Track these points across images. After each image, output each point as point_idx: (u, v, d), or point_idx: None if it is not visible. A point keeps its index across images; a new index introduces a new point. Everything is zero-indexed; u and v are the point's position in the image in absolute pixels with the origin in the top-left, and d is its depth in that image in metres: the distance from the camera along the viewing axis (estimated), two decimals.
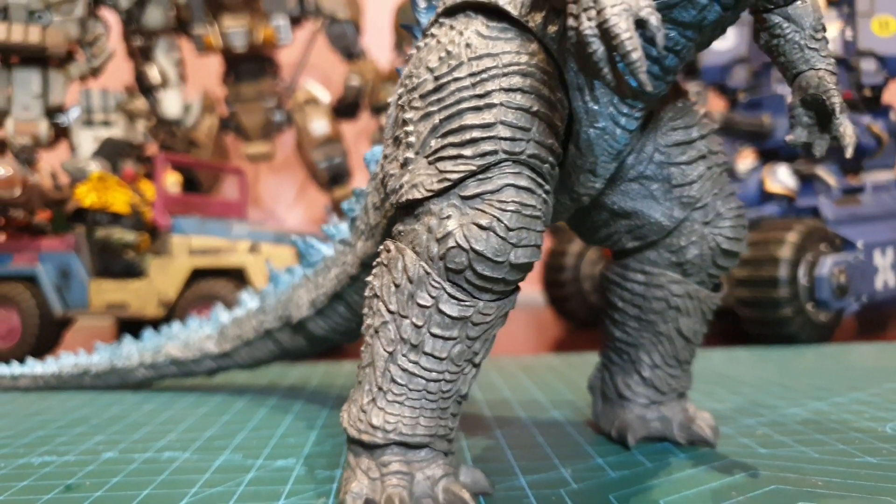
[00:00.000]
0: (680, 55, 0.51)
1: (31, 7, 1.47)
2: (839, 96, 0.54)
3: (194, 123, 1.72)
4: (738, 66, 1.85)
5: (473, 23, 0.52)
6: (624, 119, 0.53)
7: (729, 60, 1.86)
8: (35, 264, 1.22)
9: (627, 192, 0.59)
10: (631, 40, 0.38)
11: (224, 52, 1.82)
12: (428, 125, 0.50)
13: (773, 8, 0.55)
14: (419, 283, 0.47)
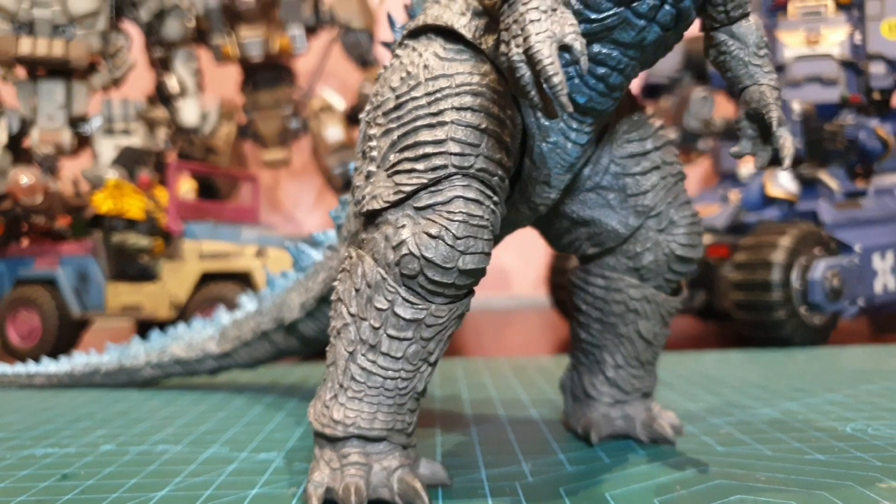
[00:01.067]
0: (624, 73, 0.54)
1: (55, 21, 1.54)
2: (778, 110, 0.56)
3: (212, 131, 1.77)
4: None
5: (433, 45, 0.56)
6: (574, 134, 0.56)
7: None
8: (55, 268, 1.28)
9: (585, 202, 0.62)
10: (552, 66, 0.42)
11: (241, 62, 1.87)
12: (388, 141, 0.53)
13: (718, 26, 0.58)
14: (376, 287, 0.51)
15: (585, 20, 0.51)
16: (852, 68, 1.65)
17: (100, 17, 1.58)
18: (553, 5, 0.43)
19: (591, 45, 0.53)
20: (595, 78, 0.54)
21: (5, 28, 1.53)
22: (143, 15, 1.67)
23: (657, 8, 0.51)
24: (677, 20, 0.53)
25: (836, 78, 1.62)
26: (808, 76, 1.63)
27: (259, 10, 1.82)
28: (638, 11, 0.51)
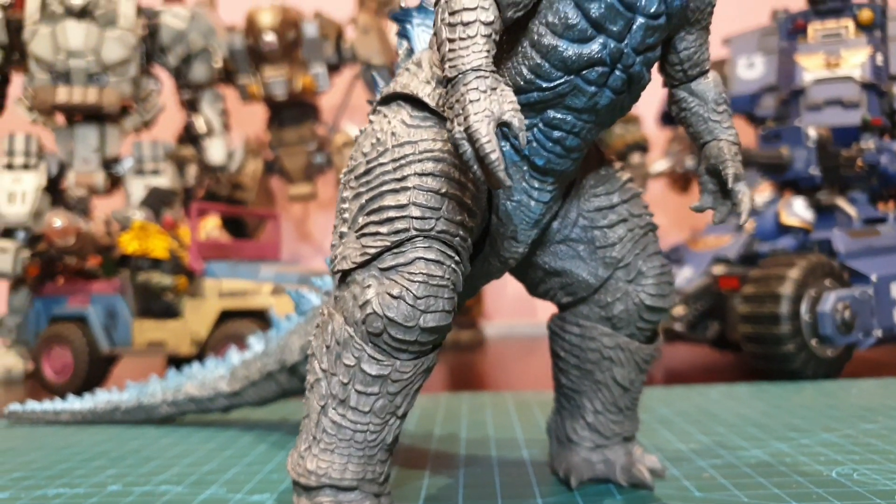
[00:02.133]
0: (580, 136, 0.56)
1: (90, 70, 1.62)
2: (734, 167, 0.58)
3: (239, 168, 1.84)
4: (766, 94, 1.86)
5: (401, 112, 0.59)
6: (536, 192, 0.59)
7: (758, 89, 1.88)
8: (86, 306, 1.34)
9: (557, 253, 0.65)
10: (489, 144, 0.45)
11: (266, 100, 1.94)
12: (357, 204, 0.57)
13: (677, 84, 0.60)
14: (344, 344, 0.54)
15: (538, 88, 0.54)
16: (874, 90, 1.64)
17: (131, 64, 1.66)
18: (493, 85, 0.46)
19: (546, 110, 0.55)
20: (551, 141, 0.56)
21: (44, 78, 1.62)
22: (171, 60, 1.74)
23: (607, 74, 0.54)
24: (629, 84, 0.55)
25: (857, 100, 1.61)
26: (828, 99, 1.63)
27: (282, 51, 1.88)
28: (588, 79, 0.53)
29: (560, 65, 0.53)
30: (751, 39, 1.93)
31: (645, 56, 0.54)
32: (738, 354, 1.40)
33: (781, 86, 1.77)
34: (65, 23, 1.61)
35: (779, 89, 1.79)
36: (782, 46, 1.78)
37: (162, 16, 1.73)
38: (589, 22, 0.52)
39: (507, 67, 0.55)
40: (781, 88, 1.77)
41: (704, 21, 0.58)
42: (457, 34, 0.47)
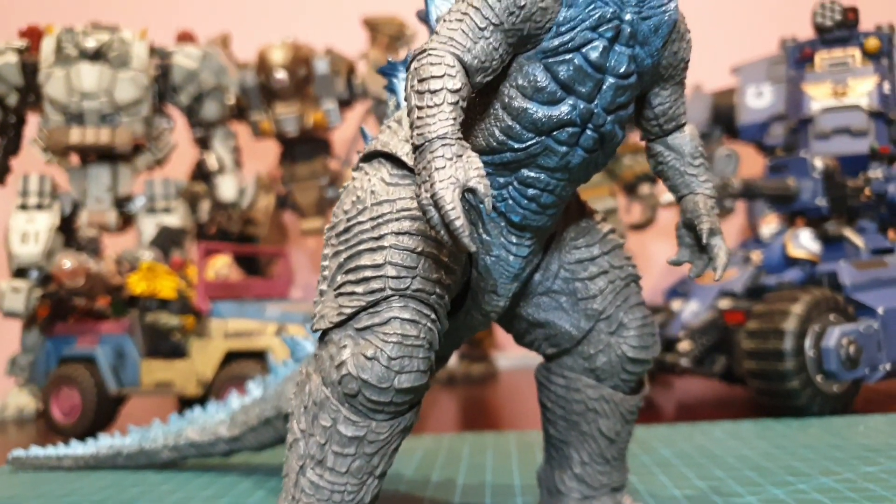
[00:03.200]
0: (554, 193, 0.57)
1: (103, 111, 1.65)
2: (709, 221, 0.58)
3: (250, 204, 1.86)
4: (775, 123, 1.85)
5: (381, 170, 0.60)
6: (515, 248, 0.60)
7: (767, 118, 1.87)
8: (95, 346, 1.36)
9: (540, 305, 0.65)
10: (454, 211, 0.45)
11: (278, 136, 1.97)
12: (336, 262, 0.58)
13: (653, 138, 0.61)
14: (321, 405, 0.54)
15: (510, 149, 0.55)
16: (882, 118, 1.63)
17: (143, 104, 1.69)
18: (459, 152, 0.47)
19: (520, 169, 0.56)
20: (526, 199, 0.57)
21: (58, 119, 1.65)
22: (183, 99, 1.77)
23: (578, 134, 0.54)
24: (602, 143, 0.55)
25: (865, 129, 1.60)
26: (836, 128, 1.62)
27: (293, 88, 1.91)
28: (559, 139, 0.54)
29: (531, 126, 0.53)
30: (759, 68, 1.93)
31: (616, 115, 0.55)
32: (747, 388, 1.39)
33: (790, 114, 1.77)
34: (79, 65, 1.65)
35: (787, 118, 1.79)
36: (790, 75, 1.78)
37: (174, 56, 1.76)
38: (558, 84, 0.52)
39: (480, 128, 0.56)
40: (790, 117, 1.76)
41: (678, 76, 0.58)
42: (424, 102, 0.48)
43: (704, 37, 2.38)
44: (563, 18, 0.51)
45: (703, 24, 2.36)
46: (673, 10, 0.54)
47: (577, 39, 0.51)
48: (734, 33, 2.28)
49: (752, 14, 2.35)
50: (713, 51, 2.14)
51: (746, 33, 2.20)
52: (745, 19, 2.34)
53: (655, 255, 2.37)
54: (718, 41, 2.24)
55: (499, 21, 0.50)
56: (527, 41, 0.51)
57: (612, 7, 0.51)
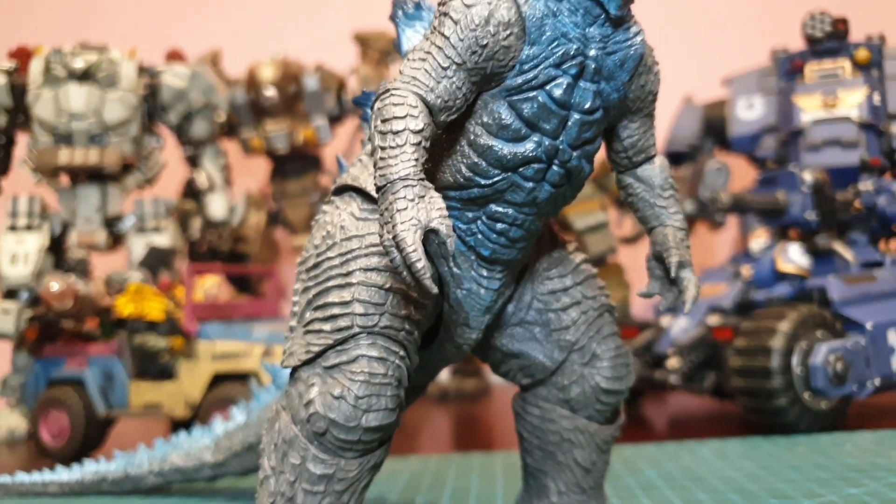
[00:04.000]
0: (523, 227, 0.57)
1: (91, 132, 1.65)
2: (678, 255, 0.58)
3: (241, 222, 1.86)
4: (766, 135, 1.85)
5: (351, 205, 0.60)
6: (486, 281, 0.59)
7: (758, 130, 1.87)
8: (84, 368, 1.36)
9: (514, 336, 0.65)
10: (415, 253, 0.45)
11: (269, 153, 1.97)
12: (306, 298, 0.57)
13: (623, 170, 0.61)
14: (290, 443, 0.54)
15: (477, 185, 0.55)
16: (872, 130, 1.63)
17: (132, 124, 1.69)
18: (421, 192, 0.47)
19: (488, 204, 0.56)
20: (495, 233, 0.57)
21: (47, 140, 1.66)
22: (172, 118, 1.78)
23: (544, 170, 0.54)
24: (569, 177, 0.55)
25: (855, 140, 1.60)
26: (826, 140, 1.62)
27: (283, 105, 1.91)
28: (525, 175, 0.54)
29: (496, 163, 0.53)
30: (750, 80, 1.93)
31: (583, 150, 0.55)
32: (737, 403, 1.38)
33: (781, 126, 1.76)
34: (67, 86, 1.65)
35: (778, 130, 1.79)
36: (781, 87, 1.78)
37: (162, 75, 1.76)
38: (522, 121, 0.52)
39: (447, 164, 0.56)
40: (781, 129, 1.76)
41: (647, 109, 0.58)
42: (387, 142, 0.48)
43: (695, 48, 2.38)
44: (525, 56, 0.51)
45: (694, 35, 2.37)
46: (639, 44, 0.54)
47: (541, 77, 0.51)
48: (725, 45, 2.28)
49: (743, 25, 2.35)
50: (704, 62, 2.15)
51: (738, 45, 2.20)
52: (737, 31, 2.34)
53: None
54: (709, 53, 2.25)
55: (461, 60, 0.50)
56: (490, 79, 0.51)
57: (576, 44, 0.51)
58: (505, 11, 0.49)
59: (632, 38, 0.53)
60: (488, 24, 0.49)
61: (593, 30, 0.51)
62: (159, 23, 2.34)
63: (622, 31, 0.53)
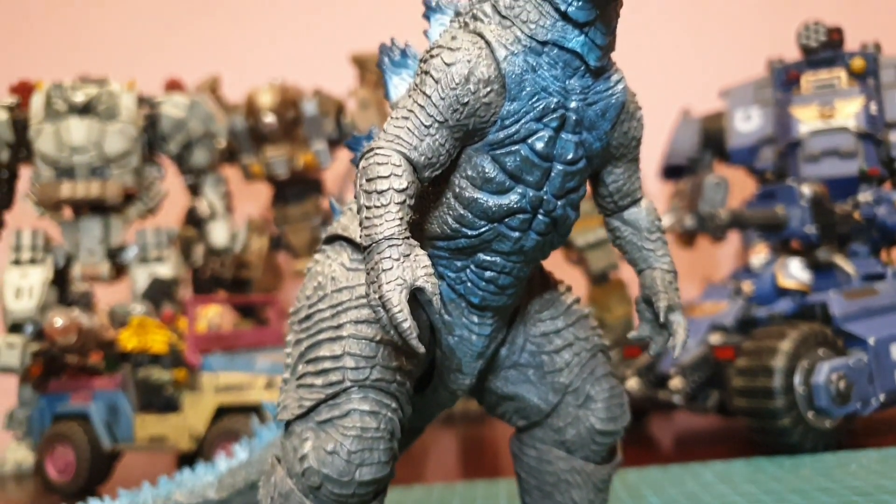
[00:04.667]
0: (511, 274, 0.57)
1: (93, 165, 1.67)
2: (666, 298, 0.58)
3: (242, 248, 1.87)
4: (764, 146, 1.85)
5: (342, 255, 0.60)
6: (477, 327, 0.60)
7: (756, 141, 1.86)
8: (88, 403, 1.37)
9: (508, 378, 0.65)
10: (401, 313, 0.46)
11: (269, 179, 1.98)
12: (298, 351, 0.58)
13: (610, 213, 0.61)
14: (287, 497, 0.55)
15: (464, 236, 0.55)
16: (870, 140, 1.63)
17: (133, 155, 1.71)
18: (406, 251, 0.47)
19: (476, 253, 0.56)
20: (484, 281, 0.57)
21: (49, 174, 1.67)
22: (172, 148, 1.79)
23: (530, 220, 0.55)
24: (555, 225, 0.56)
25: (853, 150, 1.59)
26: (824, 150, 1.62)
27: (282, 130, 1.92)
28: (511, 226, 0.54)
29: (482, 215, 0.54)
30: (746, 91, 1.92)
31: (567, 199, 0.55)
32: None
33: (779, 138, 1.76)
34: (68, 120, 1.66)
35: (776, 141, 1.78)
36: (777, 98, 1.78)
37: (162, 106, 1.78)
38: (506, 174, 0.53)
39: (434, 216, 0.56)
40: (779, 140, 1.76)
41: (631, 154, 0.59)
42: (372, 202, 0.49)
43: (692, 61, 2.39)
44: (506, 112, 0.51)
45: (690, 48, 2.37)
46: (620, 93, 0.54)
47: (523, 131, 0.52)
48: (722, 56, 2.28)
49: (739, 37, 2.35)
50: (701, 74, 2.15)
51: (734, 56, 2.20)
52: (733, 42, 2.34)
53: None
54: (706, 65, 2.25)
55: (443, 118, 0.50)
56: (473, 134, 0.52)
57: (557, 97, 0.52)
58: (485, 69, 0.50)
59: (613, 86, 0.54)
60: (468, 83, 0.50)
61: (573, 81, 0.52)
62: (159, 48, 2.36)
63: (603, 80, 0.53)
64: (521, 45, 0.51)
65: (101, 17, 2.38)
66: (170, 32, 2.38)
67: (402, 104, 0.51)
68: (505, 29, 0.51)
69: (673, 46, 2.29)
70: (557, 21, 0.50)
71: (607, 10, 0.50)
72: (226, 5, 2.40)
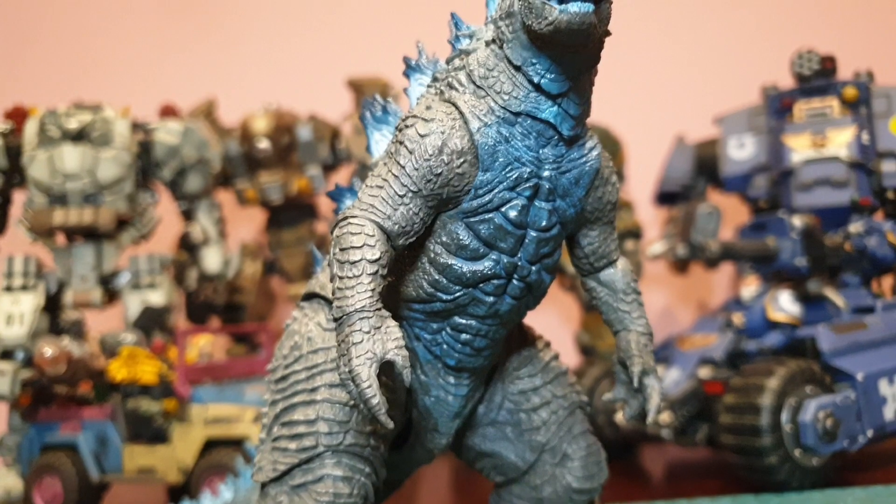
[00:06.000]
0: (487, 337, 0.58)
1: (85, 192, 1.67)
2: (640, 362, 0.59)
3: (236, 274, 1.87)
4: (758, 174, 1.85)
5: (319, 314, 0.61)
6: (453, 388, 0.60)
7: (749, 169, 1.87)
8: (77, 433, 1.37)
9: (485, 435, 0.66)
10: (370, 389, 0.46)
11: (263, 204, 1.98)
12: (274, 412, 0.58)
13: (586, 274, 0.61)
14: None
15: (439, 300, 0.55)
16: (862, 169, 1.63)
17: (126, 182, 1.71)
18: (377, 324, 0.48)
19: (451, 316, 0.57)
20: (460, 343, 0.58)
21: (41, 201, 1.67)
22: (166, 174, 1.79)
23: (504, 286, 0.55)
24: (529, 290, 0.56)
25: (845, 180, 1.60)
26: (817, 180, 1.62)
27: (277, 156, 1.93)
28: (485, 291, 0.55)
29: (457, 280, 0.54)
30: (740, 119, 1.92)
31: (541, 263, 0.56)
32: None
33: (772, 166, 1.77)
34: (62, 147, 1.67)
35: (770, 169, 1.79)
36: (771, 126, 1.79)
37: (155, 133, 1.78)
38: (480, 241, 0.53)
39: (409, 279, 0.56)
40: (772, 168, 1.76)
41: (606, 218, 0.59)
42: (344, 272, 0.49)
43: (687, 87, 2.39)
44: (480, 182, 0.52)
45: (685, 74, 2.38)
46: (594, 160, 0.54)
47: (496, 200, 0.52)
48: (717, 82, 2.28)
49: (734, 63, 2.35)
50: (696, 101, 2.15)
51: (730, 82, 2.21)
52: (728, 68, 2.35)
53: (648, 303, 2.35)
54: (701, 91, 2.26)
55: (417, 188, 0.50)
56: (448, 202, 0.52)
57: (530, 167, 0.52)
58: (458, 140, 0.50)
59: (587, 153, 0.54)
60: (442, 154, 0.50)
61: (547, 151, 0.52)
62: (153, 73, 2.37)
63: (577, 148, 0.53)
64: (494, 115, 0.51)
65: (98, 42, 2.39)
66: (165, 57, 2.39)
67: (378, 172, 0.52)
68: (479, 99, 0.51)
69: (668, 72, 2.30)
70: (531, 92, 0.50)
71: (580, 81, 0.50)
72: (221, 30, 2.41)
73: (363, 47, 2.31)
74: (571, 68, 0.49)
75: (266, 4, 2.43)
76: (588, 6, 0.47)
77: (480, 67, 0.51)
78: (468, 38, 0.54)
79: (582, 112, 0.52)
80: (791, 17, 2.32)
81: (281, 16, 2.41)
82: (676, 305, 2.29)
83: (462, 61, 0.53)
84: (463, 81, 0.52)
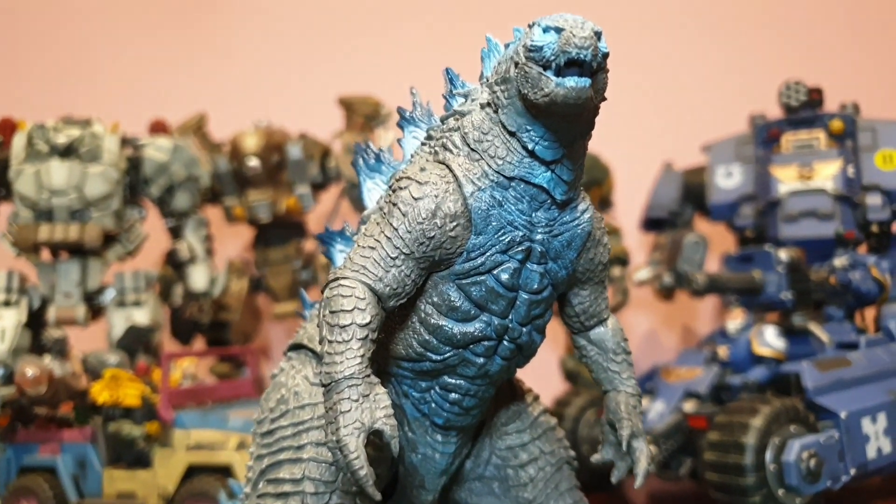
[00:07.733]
0: (476, 396, 0.57)
1: (72, 208, 1.66)
2: (629, 425, 0.59)
3: (222, 292, 1.86)
4: (745, 203, 1.86)
5: (307, 366, 0.60)
6: (441, 446, 0.60)
7: (736, 198, 1.87)
8: (56, 455, 1.35)
9: (472, 490, 0.65)
10: (357, 460, 0.46)
11: (251, 222, 1.97)
12: (259, 466, 0.58)
13: (576, 332, 0.61)
14: None
15: (429, 360, 0.55)
16: (847, 202, 1.64)
17: (114, 198, 1.70)
18: (365, 391, 0.47)
19: (441, 376, 0.56)
20: (448, 402, 0.58)
21: (27, 216, 1.66)
22: (154, 191, 1.78)
23: (494, 347, 0.55)
24: (519, 350, 0.56)
25: (831, 213, 1.60)
26: (803, 212, 1.63)
27: (266, 174, 1.92)
28: (476, 352, 0.55)
29: (447, 341, 0.54)
30: (728, 148, 1.93)
31: (532, 325, 0.56)
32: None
33: (759, 196, 1.77)
34: (49, 162, 1.65)
35: (756, 199, 1.79)
36: (758, 155, 1.79)
37: (145, 149, 1.77)
38: (472, 303, 0.53)
39: (399, 338, 0.56)
40: (759, 198, 1.77)
41: (597, 278, 0.59)
42: (334, 336, 0.49)
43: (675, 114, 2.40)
44: (472, 245, 0.52)
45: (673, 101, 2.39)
46: (586, 222, 0.55)
47: (488, 263, 0.52)
48: (706, 110, 2.30)
49: (722, 91, 2.37)
50: (685, 128, 2.17)
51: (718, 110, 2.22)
52: (717, 96, 2.36)
53: (634, 327, 2.36)
54: (690, 118, 2.27)
55: (409, 251, 0.50)
56: (439, 264, 0.52)
57: (522, 231, 0.52)
58: (451, 204, 0.50)
59: (579, 216, 0.54)
60: (435, 217, 0.50)
61: (539, 214, 0.52)
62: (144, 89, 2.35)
63: (569, 211, 0.54)
64: (488, 179, 0.51)
65: (88, 57, 2.38)
66: (156, 73, 2.37)
67: (370, 231, 0.52)
68: (473, 162, 0.51)
69: (657, 99, 2.31)
70: (524, 158, 0.50)
71: (574, 147, 0.51)
72: (213, 47, 2.40)
73: (354, 66, 2.31)
74: (566, 136, 0.49)
75: (258, 21, 2.42)
76: (585, 80, 0.47)
77: (475, 131, 0.51)
78: (463, 98, 0.54)
79: (575, 177, 0.52)
80: (779, 47, 2.34)
81: (273, 33, 2.40)
82: (661, 330, 2.30)
83: (457, 122, 0.53)
84: (457, 143, 0.52)
